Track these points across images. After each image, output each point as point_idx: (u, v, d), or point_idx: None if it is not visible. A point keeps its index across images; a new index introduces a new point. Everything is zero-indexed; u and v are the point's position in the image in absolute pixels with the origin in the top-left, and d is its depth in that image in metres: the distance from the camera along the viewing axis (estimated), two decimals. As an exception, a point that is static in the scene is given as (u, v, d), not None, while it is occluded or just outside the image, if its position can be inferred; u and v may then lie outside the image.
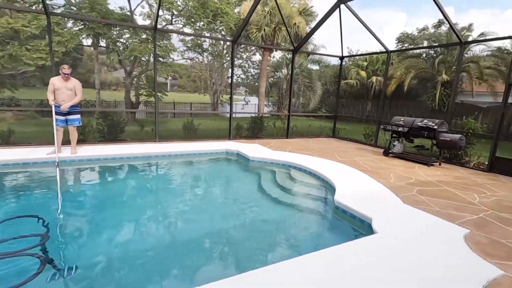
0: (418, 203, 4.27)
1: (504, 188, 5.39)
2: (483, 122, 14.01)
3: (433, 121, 6.92)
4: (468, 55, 14.11)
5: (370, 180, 5.34)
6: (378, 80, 17.72)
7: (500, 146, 6.67)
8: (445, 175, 6.19)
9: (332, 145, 9.40)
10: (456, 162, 7.53)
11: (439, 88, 13.58)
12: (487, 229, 3.53)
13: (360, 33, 37.17)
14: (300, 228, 4.08)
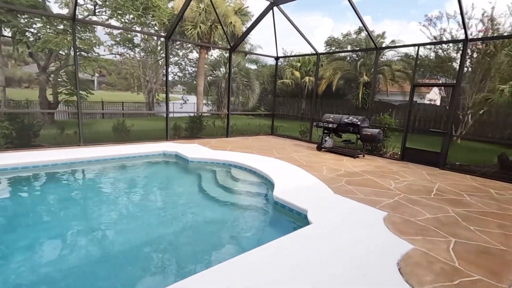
0: (346, 192, 4.72)
1: (413, 174, 6.33)
2: (396, 118, 16.23)
3: (357, 118, 7.72)
4: (383, 59, 16.17)
5: (305, 174, 5.70)
6: (311, 80, 19.02)
7: (408, 138, 7.80)
8: (368, 165, 6.97)
9: (270, 142, 9.73)
10: (376, 153, 8.55)
11: (361, 88, 15.30)
12: (401, 210, 4.10)
13: (294, 35, 39.25)
14: (242, 226, 4.12)
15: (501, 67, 10.77)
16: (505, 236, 3.45)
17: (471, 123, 11.87)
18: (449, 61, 12.85)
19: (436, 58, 13.39)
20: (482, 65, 11.40)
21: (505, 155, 7.36)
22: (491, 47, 11.03)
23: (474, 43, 11.48)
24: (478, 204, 4.56)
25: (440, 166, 7.00)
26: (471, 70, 12.13)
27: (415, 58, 7.32)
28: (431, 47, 13.45)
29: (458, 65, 6.71)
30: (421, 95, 16.78)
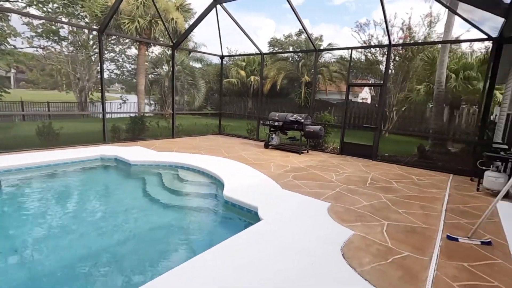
0: (293, 187, 4.93)
1: (351, 166, 6.91)
2: (334, 115, 17.58)
3: (301, 116, 8.12)
4: (321, 61, 17.32)
5: (254, 172, 5.78)
6: (256, 79, 19.40)
7: (346, 134, 8.50)
8: (312, 160, 7.39)
9: (219, 142, 9.65)
10: (319, 148, 9.12)
11: (303, 88, 16.18)
12: (342, 200, 4.44)
13: (238, 35, 39.48)
14: (193, 229, 4.00)
15: (417, 70, 12.47)
16: (426, 216, 3.99)
17: (396, 119, 13.48)
18: (377, 64, 14.37)
19: (366, 61, 14.84)
20: (403, 68, 13.02)
21: (423, 146, 8.54)
22: (409, 52, 12.67)
23: (396, 48, 13.06)
24: (404, 189, 5.20)
25: (373, 158, 7.79)
26: (394, 72, 13.75)
27: (349, 60, 8.01)
28: (362, 51, 14.87)
29: (384, 67, 7.54)
30: (355, 94, 18.49)
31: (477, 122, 6.86)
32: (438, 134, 9.29)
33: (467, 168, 6.72)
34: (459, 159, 8.38)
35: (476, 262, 2.84)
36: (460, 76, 10.26)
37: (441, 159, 8.49)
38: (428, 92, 10.96)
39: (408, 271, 2.62)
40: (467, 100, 11.03)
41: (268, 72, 17.45)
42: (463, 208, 4.39)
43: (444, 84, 9.26)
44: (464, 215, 4.08)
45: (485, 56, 10.66)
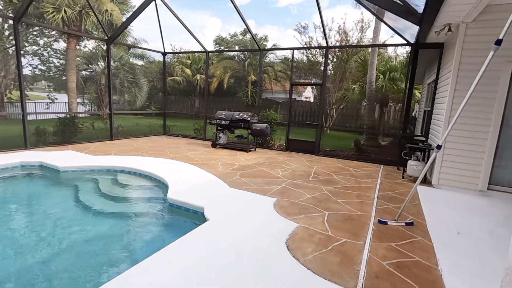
0: (241, 185, 4.95)
1: (296, 162, 7.22)
2: (281, 113, 18.19)
3: (247, 114, 8.19)
4: (267, 61, 17.77)
5: (201, 172, 5.65)
6: (202, 78, 18.99)
7: (291, 131, 8.84)
8: (259, 157, 7.52)
9: (163, 142, 9.20)
10: (266, 146, 9.32)
11: (250, 86, 16.39)
12: (287, 194, 4.60)
13: (184, 33, 38.13)
14: (134, 236, 3.73)
15: (352, 71, 13.61)
16: (361, 204, 4.36)
17: (335, 116, 14.51)
18: (317, 65, 15.28)
19: (308, 61, 15.66)
20: (340, 69, 14.07)
21: (358, 140, 9.34)
22: (345, 54, 13.75)
23: (334, 50, 14.06)
24: (343, 181, 5.61)
25: (316, 153, 8.25)
26: (333, 72, 14.78)
27: (291, 60, 8.35)
28: (304, 52, 15.63)
29: (323, 67, 8.06)
30: (299, 93, 19.41)
31: (401, 118, 7.77)
32: (371, 129, 10.31)
33: (394, 159, 7.55)
34: (388, 151, 9.38)
35: (401, 241, 3.20)
36: (387, 77, 11.51)
37: (374, 151, 9.40)
38: (362, 91, 12.06)
39: (346, 255, 2.83)
40: (394, 98, 12.45)
41: (215, 71, 17.25)
42: (391, 194, 4.91)
43: (374, 83, 10.28)
44: (392, 201, 4.57)
45: (406, 60, 12.13)
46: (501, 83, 4.77)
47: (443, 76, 5.99)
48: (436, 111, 6.23)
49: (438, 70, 6.63)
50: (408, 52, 13.95)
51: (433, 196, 4.88)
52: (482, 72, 2.75)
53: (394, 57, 13.69)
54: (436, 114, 6.24)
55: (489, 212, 4.24)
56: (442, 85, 5.98)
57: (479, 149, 5.01)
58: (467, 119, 5.04)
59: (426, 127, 7.74)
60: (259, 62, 9.36)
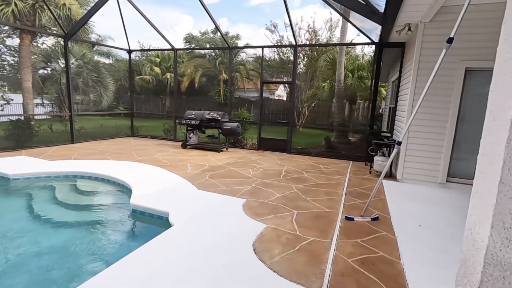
0: (210, 187, 4.80)
1: (268, 161, 7.18)
2: (253, 112, 18.16)
3: (218, 113, 8.03)
4: (239, 59, 17.65)
5: (169, 175, 5.43)
6: (173, 76, 18.41)
7: (263, 130, 8.81)
8: (231, 157, 7.40)
9: (131, 144, 8.78)
10: (238, 145, 9.21)
11: (222, 85, 16.17)
12: (257, 194, 4.53)
13: (153, 30, 36.76)
14: (93, 247, 3.47)
15: (322, 69, 13.88)
16: (330, 201, 4.40)
17: (307, 114, 14.73)
18: (289, 63, 15.39)
19: (280, 60, 15.74)
20: (311, 68, 14.30)
21: (329, 137, 9.52)
22: (315, 53, 13.99)
23: (304, 49, 14.25)
24: (313, 178, 5.65)
25: (288, 151, 8.29)
26: (304, 71, 14.99)
27: (263, 59, 8.32)
28: (275, 50, 15.70)
29: (293, 66, 8.11)
30: (271, 91, 19.51)
31: (369, 115, 8.02)
32: (340, 126, 10.56)
33: (363, 155, 7.77)
34: (357, 147, 9.66)
35: (367, 237, 3.25)
36: (355, 75, 11.87)
37: (343, 148, 9.64)
38: (332, 89, 12.34)
39: (313, 255, 2.81)
40: (362, 96, 12.87)
41: (185, 70, 16.81)
42: (359, 190, 5.02)
43: (343, 82, 10.54)
44: (360, 196, 4.67)
45: (372, 59, 12.59)
46: (456, 81, 5.03)
47: (405, 74, 6.23)
48: (400, 107, 6.47)
49: (401, 69, 6.90)
50: (374, 51, 14.52)
51: (397, 190, 5.05)
52: (436, 70, 2.85)
53: (361, 56, 14.16)
54: (399, 110, 6.49)
55: (448, 203, 4.46)
56: (404, 82, 6.22)
57: (438, 143, 5.27)
58: (426, 115, 5.27)
59: (391, 123, 8.05)
60: (229, 60, 9.23)
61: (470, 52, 4.91)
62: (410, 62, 5.73)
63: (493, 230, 1.36)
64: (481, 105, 5.09)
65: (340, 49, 9.90)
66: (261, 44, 20.84)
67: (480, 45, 4.81)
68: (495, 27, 4.72)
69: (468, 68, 4.97)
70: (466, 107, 5.12)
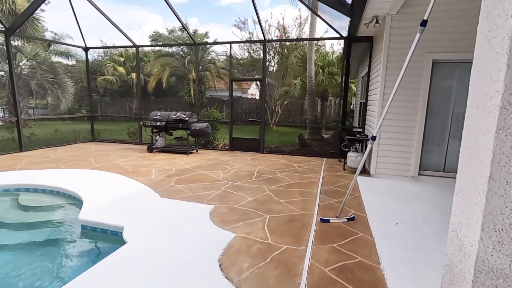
0: (175, 193, 4.37)
1: (240, 161, 6.84)
2: (227, 111, 17.71)
3: (185, 113, 7.56)
4: (209, 57, 17.11)
5: (129, 182, 4.91)
6: (140, 76, 17.43)
7: (236, 129, 8.45)
8: (201, 159, 6.97)
9: (89, 150, 8.03)
10: (209, 146, 8.79)
11: (191, 85, 15.55)
12: (227, 199, 4.18)
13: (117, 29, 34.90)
14: (33, 272, 2.93)
15: (293, 66, 13.78)
16: (304, 202, 4.16)
17: (280, 112, 14.58)
18: (260, 61, 15.16)
19: (250, 58, 15.45)
20: (282, 65, 14.16)
21: (302, 135, 9.37)
22: (285, 50, 13.86)
23: (274, 46, 14.09)
24: (286, 178, 5.40)
25: (261, 150, 8.00)
26: (275, 69, 14.83)
27: (234, 56, 7.97)
28: (246, 48, 15.39)
29: (262, 62, 7.84)
30: (243, 90, 19.16)
31: (340, 111, 7.96)
32: (313, 123, 10.49)
33: (336, 151, 7.68)
34: (330, 144, 9.62)
35: (343, 240, 3.02)
36: (326, 71, 11.87)
37: (317, 145, 9.55)
38: (303, 86, 12.26)
39: (286, 266, 2.51)
40: (333, 92, 12.93)
41: (152, 69, 15.96)
42: (333, 188, 4.84)
43: (314, 78, 10.46)
44: (335, 195, 4.47)
45: (342, 54, 12.67)
46: (424, 73, 5.01)
47: (374, 69, 6.17)
48: (370, 102, 6.42)
49: (370, 63, 6.86)
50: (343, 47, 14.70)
51: (371, 186, 4.94)
52: (409, 57, 2.69)
53: (331, 53, 14.26)
54: (370, 105, 6.43)
55: (421, 197, 4.39)
56: (374, 77, 6.16)
57: (409, 137, 5.23)
58: (397, 109, 5.21)
59: (362, 119, 8.04)
60: (195, 57, 8.79)
61: (437, 44, 4.90)
62: (379, 56, 5.67)
63: (484, 233, 1.17)
64: (448, 98, 5.11)
65: (310, 45, 9.80)
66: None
67: (447, 37, 4.81)
68: (462, 19, 4.74)
69: (435, 60, 4.96)
70: (434, 100, 5.12)
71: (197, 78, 8.59)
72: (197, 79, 8.60)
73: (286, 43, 13.96)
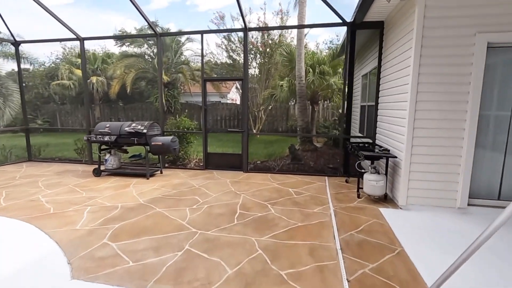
0: (101, 266, 2.55)
1: (217, 187, 5.08)
2: (207, 119, 15.80)
3: (142, 124, 5.71)
4: (182, 58, 15.24)
5: (33, 241, 3.03)
6: (100, 80, 15.17)
7: (215, 139, 6.70)
8: (164, 186, 5.15)
9: (13, 176, 5.96)
10: (180, 164, 6.98)
11: (162, 89, 13.52)
12: (189, 275, 2.41)
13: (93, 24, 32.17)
14: None
15: (278, 66, 12.22)
16: (321, 274, 2.48)
17: (264, 118, 12.95)
18: (240, 63, 13.50)
19: (229, 58, 13.75)
20: (265, 65, 12.58)
21: (293, 146, 7.75)
22: (268, 49, 12.31)
23: (256, 45, 12.51)
24: (283, 217, 3.71)
25: (244, 168, 6.29)
26: (258, 71, 13.22)
27: (202, 46, 6.26)
28: (225, 47, 13.66)
29: (243, 57, 6.18)
30: (222, 94, 17.40)
31: (341, 116, 6.47)
32: (305, 131, 8.91)
33: (336, 166, 6.13)
34: (326, 155, 8.07)
35: None
36: (317, 70, 10.38)
37: (310, 157, 7.97)
38: (291, 88, 10.71)
39: None
40: (325, 94, 11.48)
41: (114, 71, 13.85)
42: (358, 236, 3.19)
43: (305, 78, 8.93)
44: (364, 252, 2.83)
45: (334, 52, 11.27)
46: (475, 63, 3.53)
47: (391, 61, 4.67)
48: (386, 105, 4.91)
49: (380, 56, 5.39)
50: (337, 45, 13.38)
51: (410, 226, 3.36)
52: None
53: (319, 52, 12.88)
54: (386, 109, 4.93)
55: (489, 245, 2.85)
56: (391, 72, 4.66)
57: (454, 152, 3.72)
58: (435, 113, 3.71)
59: (368, 125, 6.56)
60: (158, 51, 7.03)
61: (493, 20, 3.45)
62: (400, 43, 4.17)
63: None
64: (508, 97, 3.65)
65: (300, 39, 8.29)
66: (211, 45, 18.37)
67: (509, 9, 3.37)
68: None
69: (491, 43, 3.49)
70: (488, 100, 3.65)
71: (160, 77, 6.78)
72: (160, 79, 6.79)
73: (269, 41, 12.40)
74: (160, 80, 6.85)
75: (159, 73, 6.83)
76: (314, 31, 13.41)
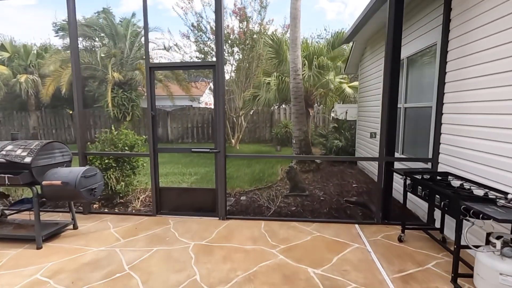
0: None
1: (163, 262, 2.54)
2: (172, 127, 13.03)
3: (26, 146, 3.03)
4: (142, 52, 12.43)
5: None
6: (33, 79, 11.83)
7: (176, 164, 4.15)
8: (58, 273, 2.52)
9: None
10: (119, 203, 4.36)
11: (113, 90, 10.59)
12: None
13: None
14: None
15: (262, 59, 9.80)
16: None
17: (245, 125, 10.50)
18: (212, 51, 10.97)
19: (200, 52, 11.17)
20: (245, 60, 10.16)
21: (292, 169, 5.33)
22: (249, 41, 9.92)
23: (234, 38, 10.09)
24: None
25: (219, 214, 3.79)
26: (235, 71, 10.79)
27: (145, 14, 3.76)
28: (195, 37, 11.07)
29: (215, 31, 3.72)
30: (193, 98, 14.68)
31: (341, 122, 4.07)
32: (303, 144, 6.52)
33: (362, 200, 3.83)
34: (337, 179, 5.78)
35: None
36: (314, 63, 8.12)
37: (314, 181, 5.63)
38: (280, 86, 8.38)
39: None
40: (323, 94, 9.23)
41: (47, 68, 10.71)
42: None
43: (301, 72, 6.61)
44: None
45: (336, 40, 9.05)
46: None
47: (487, 25, 2.43)
48: (464, 106, 2.67)
49: (447, 21, 3.20)
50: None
51: None
52: None
53: (313, 42, 10.64)
54: (466, 113, 2.70)
55: None
56: (480, 47, 2.43)
57: None
58: None
59: (410, 139, 4.38)
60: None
61: None
62: None
63: None
64: None
65: (294, 18, 6.00)
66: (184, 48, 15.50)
67: None
68: None
69: None
70: None
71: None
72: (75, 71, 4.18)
73: (247, 32, 9.99)
74: (74, 73, 4.19)
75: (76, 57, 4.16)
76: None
